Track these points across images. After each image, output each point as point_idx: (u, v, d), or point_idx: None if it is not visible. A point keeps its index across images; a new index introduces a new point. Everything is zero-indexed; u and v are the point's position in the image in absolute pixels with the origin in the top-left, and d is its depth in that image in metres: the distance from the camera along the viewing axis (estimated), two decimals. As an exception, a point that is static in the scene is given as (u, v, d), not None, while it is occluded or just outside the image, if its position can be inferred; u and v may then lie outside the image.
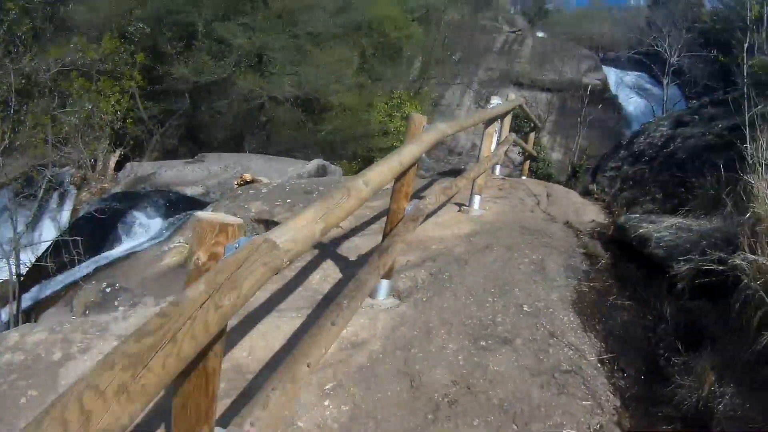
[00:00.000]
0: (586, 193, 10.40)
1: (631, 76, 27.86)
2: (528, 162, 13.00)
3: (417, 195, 7.77)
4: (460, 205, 7.54)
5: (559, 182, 22.71)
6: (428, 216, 5.81)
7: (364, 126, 22.12)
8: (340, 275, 5.51)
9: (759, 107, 6.89)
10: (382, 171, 3.31)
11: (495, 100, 7.50)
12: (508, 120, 9.52)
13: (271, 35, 20.35)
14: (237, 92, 20.51)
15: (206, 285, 1.52)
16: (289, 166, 17.00)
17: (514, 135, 9.63)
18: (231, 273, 1.59)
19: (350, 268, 5.53)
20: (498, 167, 10.17)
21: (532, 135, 13.42)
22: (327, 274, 5.57)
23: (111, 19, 20.32)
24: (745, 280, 4.26)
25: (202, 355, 1.79)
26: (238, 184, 11.45)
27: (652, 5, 29.28)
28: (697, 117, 10.19)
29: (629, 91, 26.57)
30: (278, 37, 20.41)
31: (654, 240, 6.09)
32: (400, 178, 4.38)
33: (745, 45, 8.27)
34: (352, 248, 6.19)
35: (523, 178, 12.18)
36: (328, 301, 4.58)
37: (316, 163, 16.87)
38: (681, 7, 21.76)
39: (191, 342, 1.41)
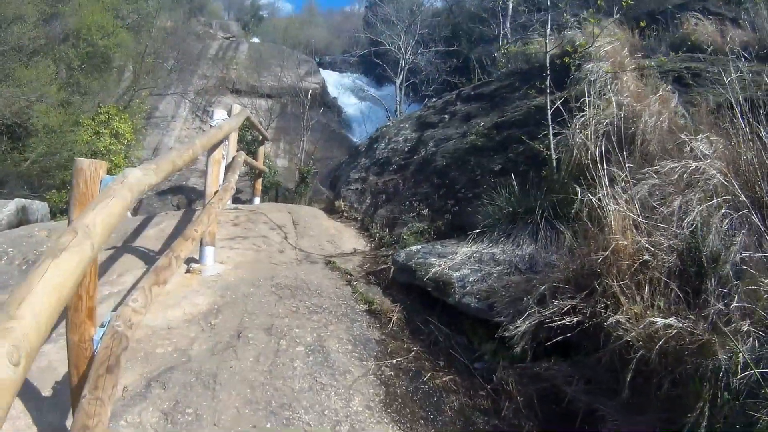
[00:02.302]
0: (332, 211, 8.72)
1: (348, 79, 27.52)
2: (260, 180, 10.88)
3: (113, 266, 5.31)
4: (188, 261, 5.20)
5: (288, 189, 21.42)
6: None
7: (69, 148, 18.11)
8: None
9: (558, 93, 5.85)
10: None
11: (218, 115, 5.32)
12: (234, 137, 7.39)
13: None
14: None
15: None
16: (-13, 213, 12.64)
17: (243, 154, 7.53)
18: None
19: None
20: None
21: (261, 149, 11.30)
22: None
23: None
24: (625, 335, 3.32)
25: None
26: None
27: (370, 6, 29.20)
28: (446, 116, 9.11)
29: (348, 94, 26.13)
30: None
31: (457, 284, 4.52)
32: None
33: (504, 31, 7.20)
34: None
35: (257, 201, 10.10)
36: None
37: (14, 205, 12.82)
38: (405, 5, 21.36)
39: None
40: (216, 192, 5.07)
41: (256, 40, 33.76)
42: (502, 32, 15.32)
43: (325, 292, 4.86)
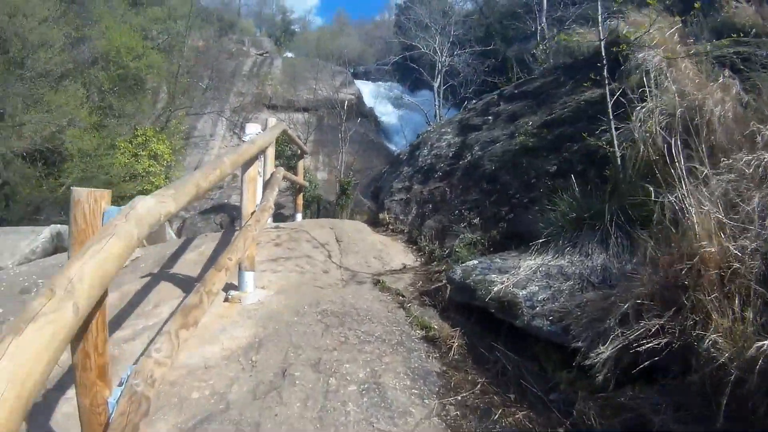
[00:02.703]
0: (376, 223, 8.26)
1: (383, 87, 27.13)
2: (301, 195, 10.43)
3: (148, 296, 4.96)
4: (227, 288, 4.79)
5: (329, 202, 21.05)
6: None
7: (106, 172, 18.08)
8: None
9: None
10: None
11: (251, 129, 4.91)
12: (271, 152, 7.00)
13: (1, 81, 15.62)
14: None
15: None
16: (23, 240, 12.70)
17: (282, 170, 7.13)
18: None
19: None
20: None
21: (301, 163, 10.86)
22: None
23: None
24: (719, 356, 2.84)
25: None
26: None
27: (400, 12, 28.65)
28: (489, 118, 8.57)
29: (384, 102, 25.73)
30: (10, 83, 15.78)
31: (524, 304, 3.99)
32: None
33: (540, 26, 6.67)
34: None
35: (298, 217, 9.69)
36: None
37: (49, 232, 12.68)
38: (436, 6, 20.79)
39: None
40: (253, 213, 4.65)
41: (289, 54, 33.72)
42: (539, 27, 14.68)
43: (376, 318, 4.37)
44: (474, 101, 10.99)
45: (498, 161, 7.00)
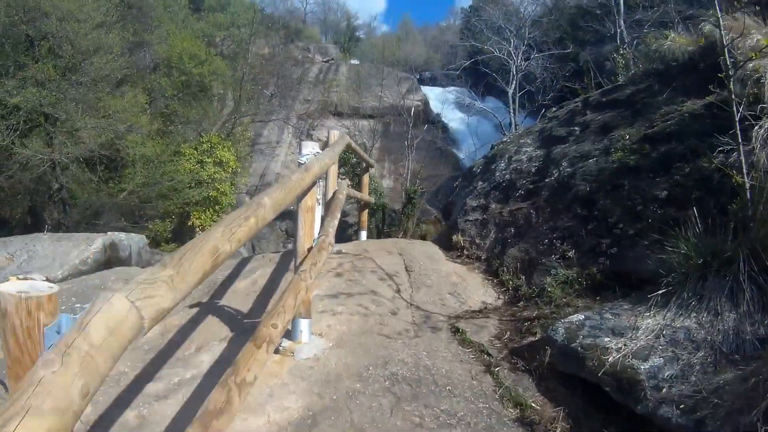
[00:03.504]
0: (448, 246, 7.32)
1: (451, 94, 26.12)
2: (366, 212, 9.56)
3: (192, 334, 4.25)
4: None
5: (395, 211, 20.16)
6: None
7: (171, 178, 17.82)
8: None
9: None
10: None
11: (308, 148, 3.99)
12: (334, 170, 6.21)
13: (54, 87, 15.44)
14: (17, 160, 15.44)
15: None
16: (75, 248, 12.36)
17: (345, 186, 6.33)
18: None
19: None
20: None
21: (366, 176, 10.00)
22: None
23: None
24: None
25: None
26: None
27: (468, 15, 27.43)
28: (576, 128, 7.51)
29: (452, 109, 24.72)
30: (63, 89, 15.56)
31: (648, 384, 3.01)
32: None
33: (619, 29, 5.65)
34: None
35: (363, 235, 8.83)
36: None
37: (101, 242, 12.29)
38: (510, 7, 19.45)
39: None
40: (310, 249, 3.82)
41: (354, 61, 33.21)
42: (618, 30, 13.36)
43: (457, 387, 3.47)
44: (554, 109, 9.88)
45: (593, 181, 5.95)
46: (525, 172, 7.47)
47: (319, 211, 4.20)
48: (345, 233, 16.63)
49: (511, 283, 5.55)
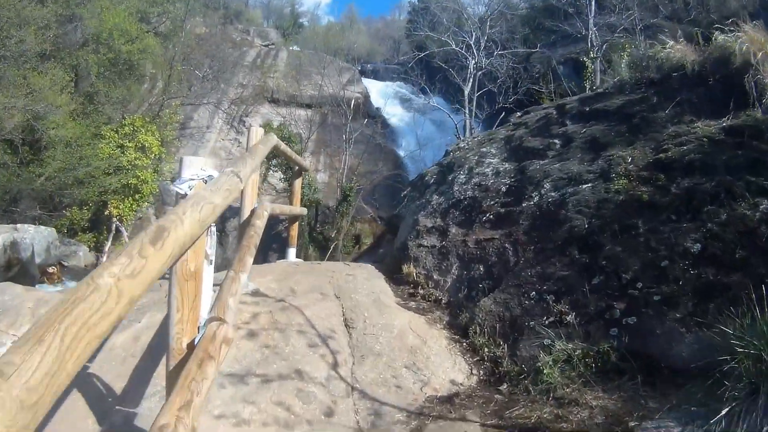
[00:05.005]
0: (398, 280, 5.70)
1: (391, 88, 24.39)
2: (296, 225, 7.41)
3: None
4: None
5: (329, 207, 18.38)
6: None
7: (87, 163, 15.44)
8: None
9: None
10: None
11: (190, 170, 2.04)
12: (254, 179, 4.51)
13: None
14: None
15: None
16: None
17: (268, 208, 4.59)
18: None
19: None
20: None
21: (298, 182, 7.81)
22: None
23: None
24: None
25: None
26: None
27: (419, 10, 25.32)
28: (555, 141, 6.02)
29: (392, 103, 22.98)
30: None
31: None
32: None
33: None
34: None
35: (291, 255, 6.93)
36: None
37: (1, 241, 10.18)
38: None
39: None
40: (189, 352, 2.13)
41: (295, 47, 31.03)
42: (590, 32, 12.03)
43: None
44: (519, 114, 8.44)
45: (592, 216, 4.46)
46: (492, 191, 5.94)
47: (209, 274, 2.48)
48: (269, 248, 14.83)
49: (487, 350, 3.99)
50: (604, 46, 11.48)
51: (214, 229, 2.40)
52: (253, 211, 4.35)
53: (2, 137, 13.85)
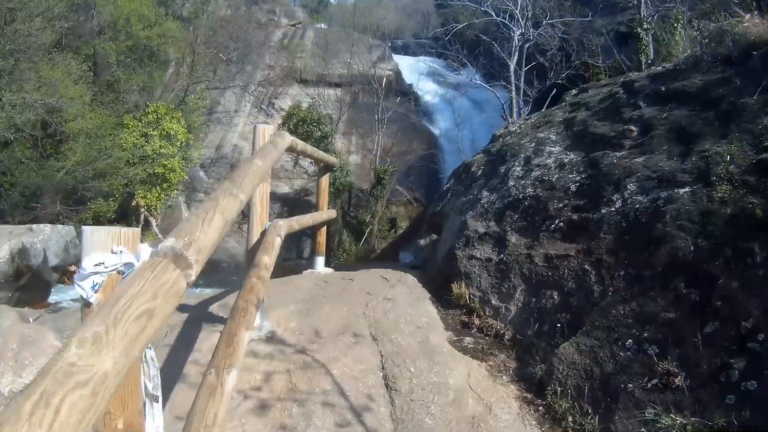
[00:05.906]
0: (448, 302, 4.76)
1: (424, 63, 23.01)
2: (323, 231, 6.34)
3: None
4: None
5: (362, 191, 17.35)
6: None
7: (107, 155, 14.81)
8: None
9: None
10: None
11: (95, 261, 1.38)
12: (265, 191, 3.62)
13: None
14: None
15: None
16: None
17: (280, 230, 3.67)
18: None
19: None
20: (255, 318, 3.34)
21: (324, 180, 6.72)
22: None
23: None
24: None
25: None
26: None
27: None
28: (632, 128, 4.92)
29: (425, 80, 21.68)
30: None
31: None
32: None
33: None
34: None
35: (319, 264, 6.01)
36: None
37: (8, 248, 9.57)
38: None
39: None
40: None
41: (322, 26, 29.67)
42: (641, 1, 10.56)
43: None
44: (575, 92, 7.29)
45: (698, 233, 3.41)
46: (559, 189, 4.91)
47: (156, 415, 1.55)
48: (293, 259, 14.04)
49: (571, 419, 3.03)
50: (655, 17, 10.10)
51: (152, 353, 1.49)
52: (262, 234, 3.43)
53: (14, 134, 13.25)
